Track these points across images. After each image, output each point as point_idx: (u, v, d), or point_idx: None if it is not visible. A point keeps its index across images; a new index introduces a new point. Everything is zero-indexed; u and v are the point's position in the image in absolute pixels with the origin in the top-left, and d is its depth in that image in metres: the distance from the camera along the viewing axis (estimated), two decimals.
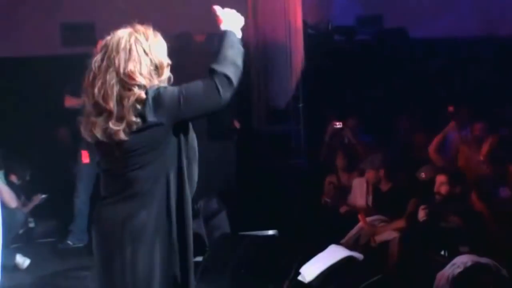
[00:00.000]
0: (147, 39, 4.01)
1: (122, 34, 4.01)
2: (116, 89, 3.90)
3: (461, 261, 6.58)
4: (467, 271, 6.45)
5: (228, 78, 3.93)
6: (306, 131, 10.42)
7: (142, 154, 3.95)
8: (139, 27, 4.05)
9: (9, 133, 10.36)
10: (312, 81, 10.59)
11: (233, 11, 4.18)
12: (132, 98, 3.87)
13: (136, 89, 3.88)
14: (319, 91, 11.07)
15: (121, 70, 3.90)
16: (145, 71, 3.94)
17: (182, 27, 10.82)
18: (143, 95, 3.89)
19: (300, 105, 10.47)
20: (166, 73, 4.05)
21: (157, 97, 3.90)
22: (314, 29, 12.08)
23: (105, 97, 3.90)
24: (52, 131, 11.18)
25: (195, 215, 8.35)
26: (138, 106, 3.90)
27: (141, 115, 3.89)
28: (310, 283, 6.83)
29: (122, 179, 4.00)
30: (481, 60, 11.82)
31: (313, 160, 10.66)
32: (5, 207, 7.66)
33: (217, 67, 3.95)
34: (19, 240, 9.24)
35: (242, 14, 4.21)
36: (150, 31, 4.05)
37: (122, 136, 3.88)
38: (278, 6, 9.85)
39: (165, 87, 3.98)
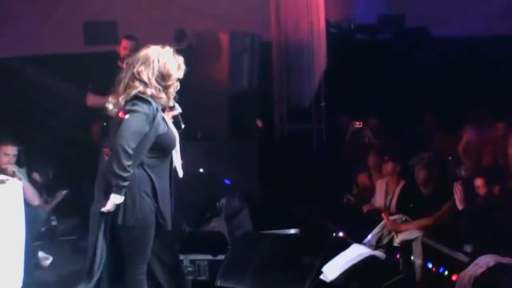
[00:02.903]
0: (164, 53, 5.34)
1: (151, 47, 5.38)
2: (127, 79, 5.33)
3: (484, 261, 6.56)
4: (489, 272, 6.43)
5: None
6: (327, 130, 10.42)
7: None
8: (167, 47, 5.39)
9: (32, 131, 10.40)
10: (334, 80, 10.58)
11: None
12: (134, 90, 5.26)
13: (137, 83, 5.27)
14: (341, 90, 11.05)
15: (136, 68, 5.32)
16: (152, 74, 5.28)
17: (205, 24, 10.80)
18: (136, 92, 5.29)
19: (322, 104, 10.48)
20: (172, 86, 5.36)
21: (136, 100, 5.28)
22: (336, 28, 12.06)
23: (121, 83, 5.36)
24: (74, 129, 11.17)
25: (217, 214, 8.37)
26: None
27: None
28: (332, 282, 6.83)
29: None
30: (505, 60, 11.73)
31: (334, 159, 10.66)
32: (27, 204, 7.66)
33: None
34: (42, 238, 9.24)
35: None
36: (171, 51, 5.38)
37: (110, 107, 5.42)
38: (301, 6, 9.84)
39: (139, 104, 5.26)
